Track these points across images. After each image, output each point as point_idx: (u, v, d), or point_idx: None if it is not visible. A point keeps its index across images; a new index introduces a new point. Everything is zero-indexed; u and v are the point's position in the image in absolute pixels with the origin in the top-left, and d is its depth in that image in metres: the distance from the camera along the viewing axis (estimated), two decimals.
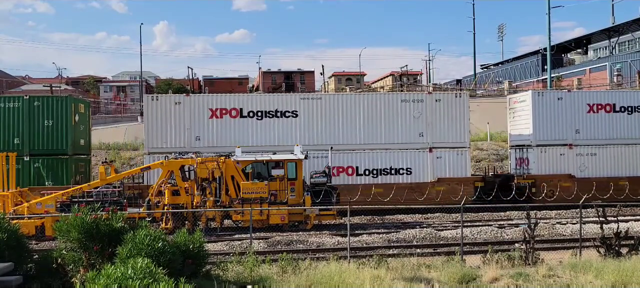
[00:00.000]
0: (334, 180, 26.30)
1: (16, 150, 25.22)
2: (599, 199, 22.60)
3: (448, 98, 28.52)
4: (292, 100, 27.65)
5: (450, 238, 20.21)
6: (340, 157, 27.12)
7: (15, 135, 26.03)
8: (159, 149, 26.10)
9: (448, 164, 27.74)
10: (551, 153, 28.96)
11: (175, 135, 26.68)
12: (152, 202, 21.48)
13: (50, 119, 26.17)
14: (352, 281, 11.71)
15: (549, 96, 29.83)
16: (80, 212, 11.05)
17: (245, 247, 17.15)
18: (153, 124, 26.66)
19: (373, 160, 27.47)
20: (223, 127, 26.94)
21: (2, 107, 26.14)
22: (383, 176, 27.45)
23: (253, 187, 21.34)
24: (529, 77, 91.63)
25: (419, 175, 27.60)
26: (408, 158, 27.61)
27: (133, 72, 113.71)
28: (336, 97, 28.99)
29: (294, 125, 27.23)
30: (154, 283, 7.78)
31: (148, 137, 26.66)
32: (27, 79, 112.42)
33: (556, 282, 12.42)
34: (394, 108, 27.76)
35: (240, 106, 27.15)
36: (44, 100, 26.77)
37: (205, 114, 26.92)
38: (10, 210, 20.11)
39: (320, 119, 27.41)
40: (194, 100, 27.14)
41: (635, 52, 76.21)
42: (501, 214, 25.91)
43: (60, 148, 26.14)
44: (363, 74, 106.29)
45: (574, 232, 20.59)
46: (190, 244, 11.55)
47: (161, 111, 26.75)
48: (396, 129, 27.68)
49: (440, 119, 27.84)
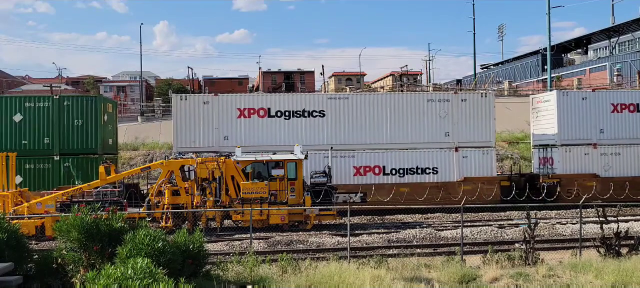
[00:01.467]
0: (361, 179, 26.95)
1: (46, 150, 25.65)
2: (628, 199, 22.87)
3: (474, 98, 28.80)
4: (319, 100, 27.84)
5: (450, 238, 20.21)
6: (367, 156, 27.41)
7: (46, 135, 26.17)
8: (187, 148, 26.14)
9: (474, 164, 27.97)
10: (576, 153, 29.18)
11: (203, 134, 26.82)
12: (152, 202, 21.50)
13: (80, 118, 26.31)
14: (352, 281, 11.71)
15: (574, 96, 30.01)
16: (80, 212, 11.05)
17: (245, 247, 17.17)
18: (182, 124, 26.80)
19: (400, 159, 27.66)
20: (251, 126, 27.09)
21: (32, 107, 26.27)
22: (409, 175, 27.64)
23: (253, 187, 21.34)
24: (529, 77, 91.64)
25: (445, 174, 27.79)
26: (434, 157, 27.82)
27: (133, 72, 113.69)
28: (363, 96, 29.15)
29: (320, 124, 27.41)
30: (154, 283, 7.78)
31: (177, 137, 26.81)
32: (27, 79, 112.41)
33: (556, 282, 12.42)
34: (421, 108, 27.96)
35: (268, 106, 27.30)
36: (73, 99, 26.97)
37: (233, 114, 27.08)
38: (10, 210, 20.11)
39: (347, 118, 27.58)
40: (222, 100, 27.29)
41: (635, 52, 76.21)
42: (501, 214, 25.92)
43: (90, 148, 26.25)
44: (363, 74, 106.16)
45: (574, 232, 20.60)
46: (190, 244, 11.55)
47: (190, 111, 26.89)
48: (422, 128, 27.88)
49: (466, 119, 28.07)
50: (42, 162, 25.44)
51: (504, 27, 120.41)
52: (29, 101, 26.55)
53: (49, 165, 25.60)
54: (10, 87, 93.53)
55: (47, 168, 25.90)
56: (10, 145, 25.79)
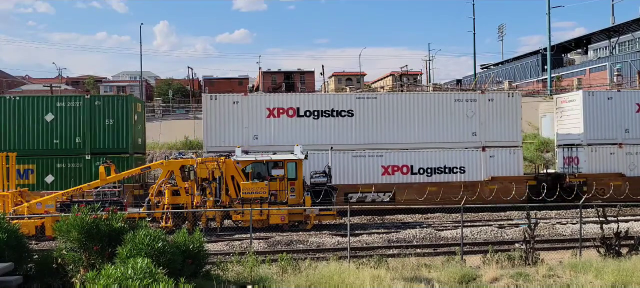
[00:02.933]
0: (390, 178, 27.11)
1: (77, 149, 25.86)
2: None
3: (501, 97, 28.95)
4: (348, 100, 27.96)
5: (450, 238, 20.21)
6: (395, 155, 27.57)
7: (77, 135, 26.32)
8: (218, 148, 26.20)
9: (501, 163, 28.10)
10: (601, 152, 29.32)
11: (233, 133, 26.93)
12: (152, 202, 21.50)
13: (111, 118, 26.45)
14: (352, 281, 11.71)
15: (599, 96, 30.12)
16: (80, 212, 11.05)
17: (245, 247, 17.17)
18: (212, 123, 26.92)
19: (427, 159, 27.80)
20: (280, 126, 27.21)
21: (63, 106, 26.41)
22: (437, 175, 27.76)
23: (253, 187, 21.34)
24: (529, 77, 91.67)
25: (472, 173, 27.90)
26: (461, 157, 27.96)
27: (133, 72, 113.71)
28: (391, 96, 29.32)
29: (349, 124, 27.54)
30: (154, 283, 7.78)
31: (207, 136, 26.93)
32: (27, 79, 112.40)
33: (556, 282, 12.42)
34: (448, 107, 28.09)
35: (297, 105, 27.43)
36: (105, 99, 27.19)
37: (262, 113, 27.20)
38: (10, 210, 20.11)
39: (375, 118, 27.70)
40: (251, 100, 27.43)
41: (635, 52, 76.21)
42: (501, 214, 25.93)
43: (121, 147, 26.35)
44: (363, 74, 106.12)
45: (574, 232, 20.60)
46: (190, 244, 11.55)
47: (220, 110, 27.02)
48: (450, 128, 28.02)
49: (493, 118, 28.21)
50: (74, 162, 25.55)
51: (504, 27, 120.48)
52: (60, 101, 26.77)
53: (80, 165, 25.77)
54: (10, 87, 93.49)
55: (79, 168, 26.07)
56: (42, 145, 26.11)
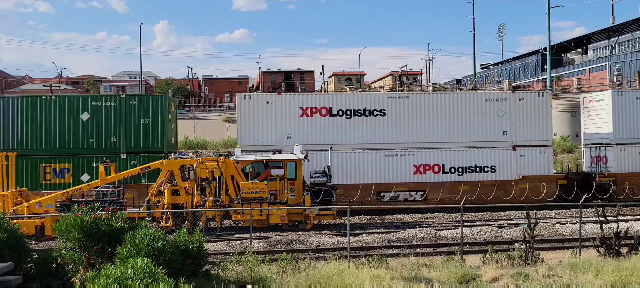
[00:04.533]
0: (421, 177, 27.28)
1: (113, 149, 25.99)
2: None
3: (531, 97, 29.08)
4: (380, 100, 28.06)
5: (450, 238, 20.21)
6: (427, 155, 27.70)
7: (113, 134, 26.39)
8: (251, 147, 26.30)
9: (531, 162, 28.22)
10: (630, 152, 29.43)
11: (267, 133, 27.04)
12: (152, 202, 21.49)
13: (147, 117, 26.49)
14: (352, 281, 11.70)
15: (629, 96, 30.23)
16: (80, 212, 11.04)
17: (245, 247, 17.16)
18: (246, 122, 27.03)
19: (458, 158, 27.93)
20: (313, 125, 27.31)
21: (99, 106, 26.48)
22: (468, 174, 27.89)
23: (253, 187, 21.33)
24: (529, 77, 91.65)
25: (503, 173, 28.01)
26: (492, 156, 28.09)
27: (133, 72, 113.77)
28: (423, 96, 29.44)
29: (381, 124, 27.62)
30: (154, 283, 7.77)
31: (241, 135, 27.05)
32: (27, 79, 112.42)
33: (556, 282, 12.41)
34: (479, 107, 28.23)
35: (330, 105, 27.53)
36: (140, 99, 27.28)
37: (296, 113, 27.30)
38: (10, 210, 20.10)
39: (407, 117, 27.78)
40: (285, 99, 27.51)
41: (635, 52, 76.22)
42: (501, 214, 25.92)
43: (156, 146, 26.35)
44: (363, 74, 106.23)
45: (574, 232, 20.59)
46: (190, 244, 11.54)
47: (254, 110, 27.12)
48: (481, 127, 28.15)
49: (523, 118, 28.35)
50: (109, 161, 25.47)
51: (504, 27, 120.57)
52: (96, 100, 26.90)
53: (116, 164, 25.76)
54: (10, 87, 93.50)
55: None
56: (78, 144, 26.22)
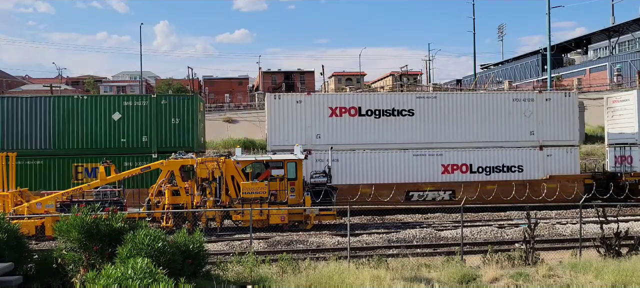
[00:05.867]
0: (449, 177, 27.54)
1: (144, 148, 26.19)
2: None
3: (558, 97, 29.31)
4: (409, 99, 28.19)
5: (450, 238, 20.20)
6: (455, 154, 27.92)
7: (144, 133, 26.57)
8: (281, 146, 26.41)
9: (558, 162, 28.44)
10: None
11: (296, 132, 27.12)
12: (152, 202, 21.49)
13: (177, 117, 26.68)
14: (351, 281, 11.70)
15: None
16: (80, 212, 11.04)
17: (245, 247, 17.15)
18: (275, 122, 27.13)
19: (486, 157, 28.14)
20: (342, 125, 27.43)
21: (130, 106, 26.67)
22: (496, 173, 28.09)
23: (253, 187, 21.33)
24: (529, 77, 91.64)
25: (530, 172, 28.23)
26: (519, 156, 28.29)
27: (133, 72, 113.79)
28: (450, 96, 29.57)
29: (409, 123, 27.79)
30: (154, 283, 7.77)
31: (271, 135, 27.17)
32: (27, 79, 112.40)
33: (556, 282, 12.41)
34: (506, 107, 28.44)
35: (359, 105, 27.68)
36: (171, 99, 27.50)
37: (325, 112, 27.42)
38: (10, 210, 20.09)
39: (435, 117, 27.96)
40: (314, 99, 27.65)
41: (635, 52, 76.21)
42: (501, 214, 25.93)
43: (187, 146, 26.41)
44: (363, 74, 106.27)
45: (574, 232, 20.59)
46: (190, 244, 11.54)
47: (283, 110, 27.22)
48: (508, 127, 28.37)
49: (550, 118, 28.57)
50: (141, 160, 25.62)
51: (504, 27, 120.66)
52: (127, 100, 27.05)
53: (147, 163, 25.96)
54: (10, 87, 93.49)
55: None
56: (109, 144, 26.42)
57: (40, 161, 25.91)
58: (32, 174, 25.82)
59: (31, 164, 25.85)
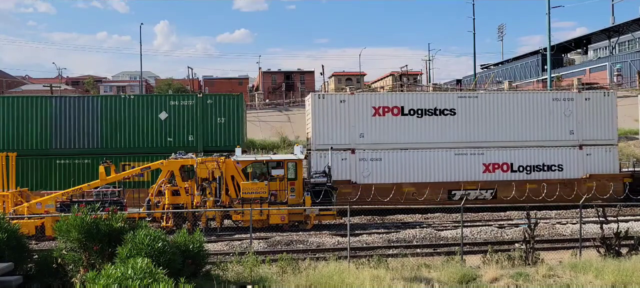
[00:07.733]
0: (490, 176, 27.78)
1: (190, 147, 26.42)
2: None
3: (597, 96, 29.44)
4: (451, 99, 28.40)
5: (450, 238, 20.20)
6: (496, 153, 28.13)
7: (190, 133, 26.96)
8: (325, 145, 26.60)
9: (597, 161, 28.58)
10: None
11: (340, 132, 27.26)
12: (152, 202, 21.49)
13: (222, 116, 27.06)
14: (351, 281, 11.70)
15: None
16: (80, 212, 11.04)
17: (245, 247, 17.16)
18: (320, 122, 27.24)
19: (526, 156, 28.30)
20: (385, 124, 27.57)
21: (176, 105, 27.11)
22: (536, 172, 28.25)
23: (253, 187, 21.34)
24: (529, 77, 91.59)
25: (570, 171, 28.38)
26: (559, 155, 28.46)
27: (133, 72, 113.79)
28: (492, 95, 29.82)
29: (451, 123, 27.97)
30: (154, 283, 7.77)
31: (315, 134, 27.19)
32: (27, 79, 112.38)
33: (556, 282, 12.41)
34: (546, 106, 28.63)
35: (401, 104, 27.82)
36: (216, 98, 27.80)
37: (368, 112, 27.54)
38: (10, 210, 20.09)
39: (476, 116, 28.13)
40: (358, 99, 27.79)
41: (635, 52, 76.19)
42: (501, 214, 25.93)
43: (232, 145, 26.61)
44: (363, 74, 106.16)
45: (574, 232, 20.59)
46: (190, 244, 11.55)
47: (327, 109, 27.34)
48: (548, 126, 28.55)
49: (589, 117, 28.74)
50: None
51: (504, 27, 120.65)
52: (174, 100, 27.46)
53: None
54: (10, 87, 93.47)
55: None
56: (156, 143, 26.81)
57: (88, 160, 26.22)
58: (80, 173, 26.11)
59: (79, 163, 26.21)
